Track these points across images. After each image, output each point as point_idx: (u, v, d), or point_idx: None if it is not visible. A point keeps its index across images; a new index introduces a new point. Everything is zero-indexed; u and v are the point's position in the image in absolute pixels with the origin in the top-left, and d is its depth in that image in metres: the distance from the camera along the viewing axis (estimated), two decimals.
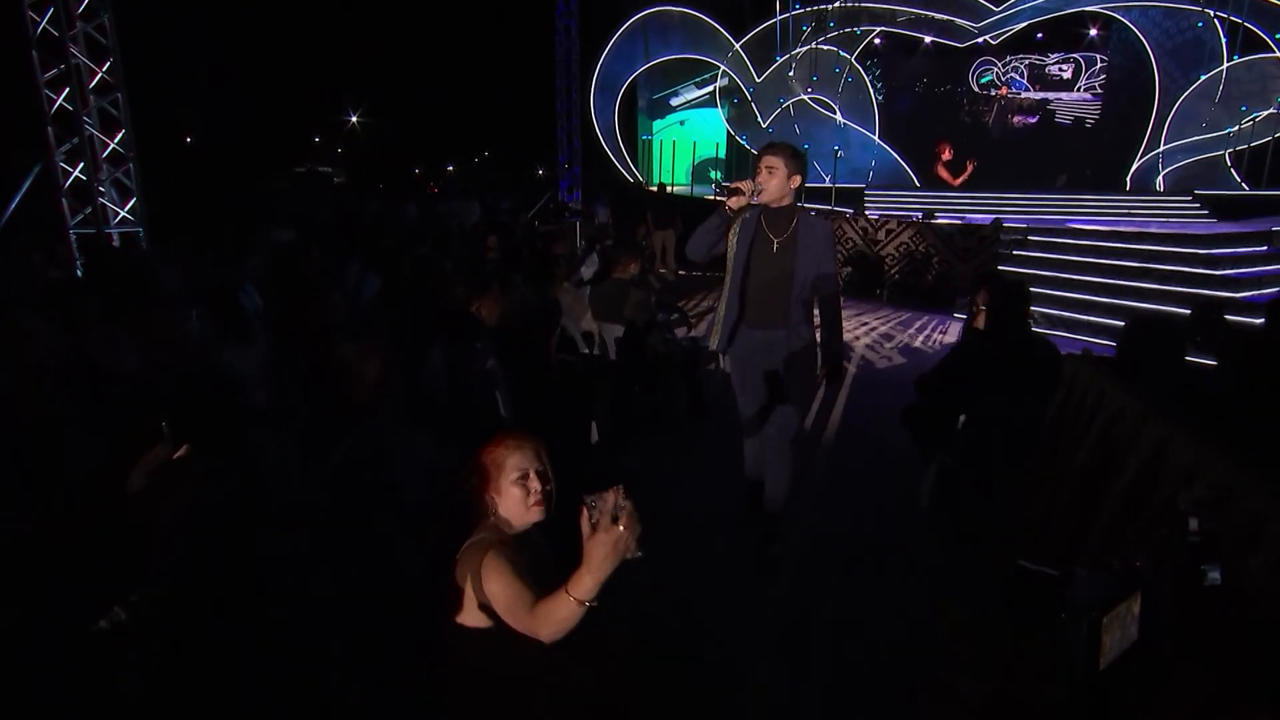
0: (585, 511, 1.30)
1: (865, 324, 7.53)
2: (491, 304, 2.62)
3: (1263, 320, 1.94)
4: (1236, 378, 1.89)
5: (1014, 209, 11.22)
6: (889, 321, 7.70)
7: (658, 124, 16.85)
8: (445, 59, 27.74)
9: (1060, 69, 15.66)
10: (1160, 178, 13.10)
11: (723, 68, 15.03)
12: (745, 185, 2.43)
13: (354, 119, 27.17)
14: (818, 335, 2.69)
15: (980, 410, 2.72)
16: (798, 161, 2.49)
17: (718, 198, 2.43)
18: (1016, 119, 16.13)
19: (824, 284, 2.59)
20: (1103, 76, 15.04)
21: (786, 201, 2.52)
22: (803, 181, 2.53)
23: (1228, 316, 2.76)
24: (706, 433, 4.02)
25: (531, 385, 2.88)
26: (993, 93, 16.10)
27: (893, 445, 3.71)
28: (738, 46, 14.78)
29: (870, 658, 2.22)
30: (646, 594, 2.51)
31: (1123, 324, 2.48)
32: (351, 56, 27.47)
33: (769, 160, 2.48)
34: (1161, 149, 13.00)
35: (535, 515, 1.57)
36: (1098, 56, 15.09)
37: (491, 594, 1.47)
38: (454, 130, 31.21)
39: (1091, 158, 14.80)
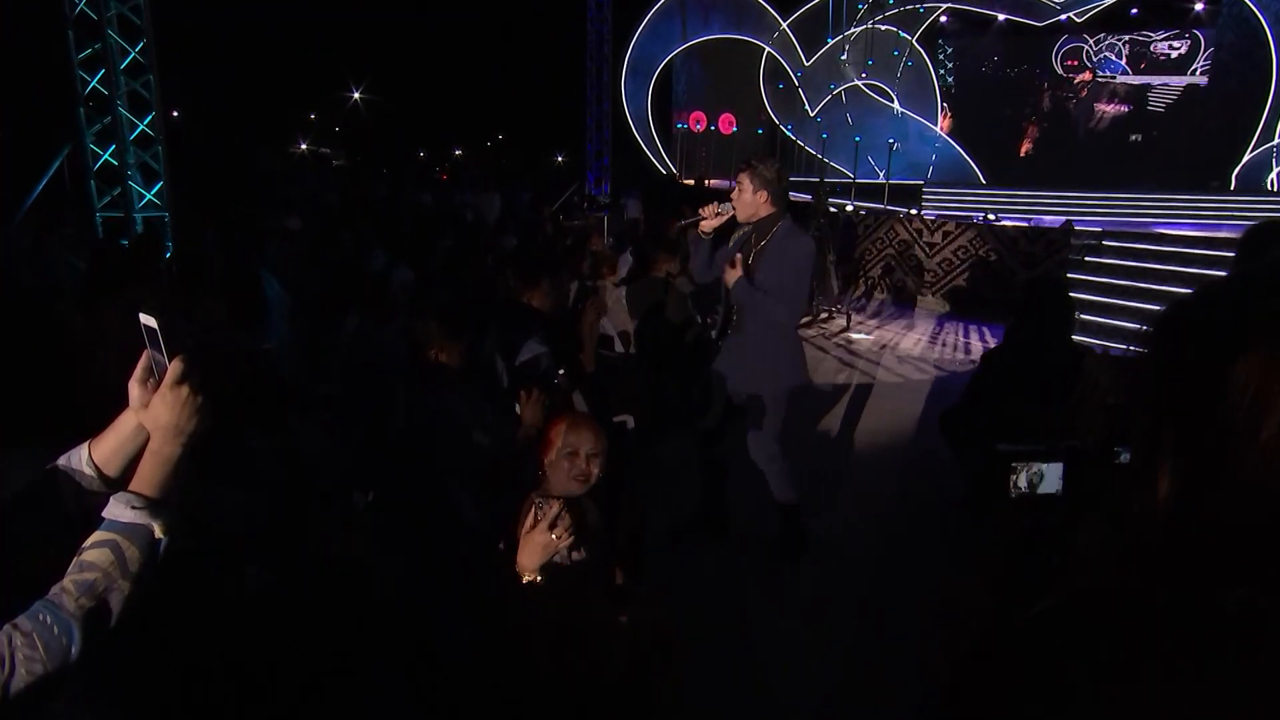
0: (533, 509, 1.87)
1: (918, 332, 8.02)
2: (542, 296, 3.23)
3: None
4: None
5: (1090, 210, 11.53)
6: (944, 331, 8.17)
7: None
8: (458, 33, 28.76)
9: (1171, 47, 14.77)
10: (1274, 175, 13.14)
11: (768, 50, 15.66)
12: (708, 209, 3.03)
13: (356, 95, 28.32)
14: (785, 354, 3.08)
15: (1005, 413, 3.24)
16: (764, 178, 2.98)
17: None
18: (1103, 107, 15.58)
19: (773, 289, 2.93)
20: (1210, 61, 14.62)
21: (763, 214, 3.01)
22: (771, 196, 2.98)
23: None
24: (738, 431, 4.57)
25: (573, 376, 3.48)
26: (1077, 78, 15.73)
27: (930, 452, 4.24)
28: (785, 26, 15.41)
29: (884, 626, 2.77)
30: (678, 568, 3.12)
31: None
32: (354, 26, 28.62)
33: (738, 178, 3.03)
34: (1277, 142, 13.08)
35: (574, 489, 2.11)
36: (1200, 34, 14.60)
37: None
38: (463, 111, 32.28)
39: (1192, 151, 14.45)
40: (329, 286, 4.47)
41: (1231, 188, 13.40)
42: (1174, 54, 14.95)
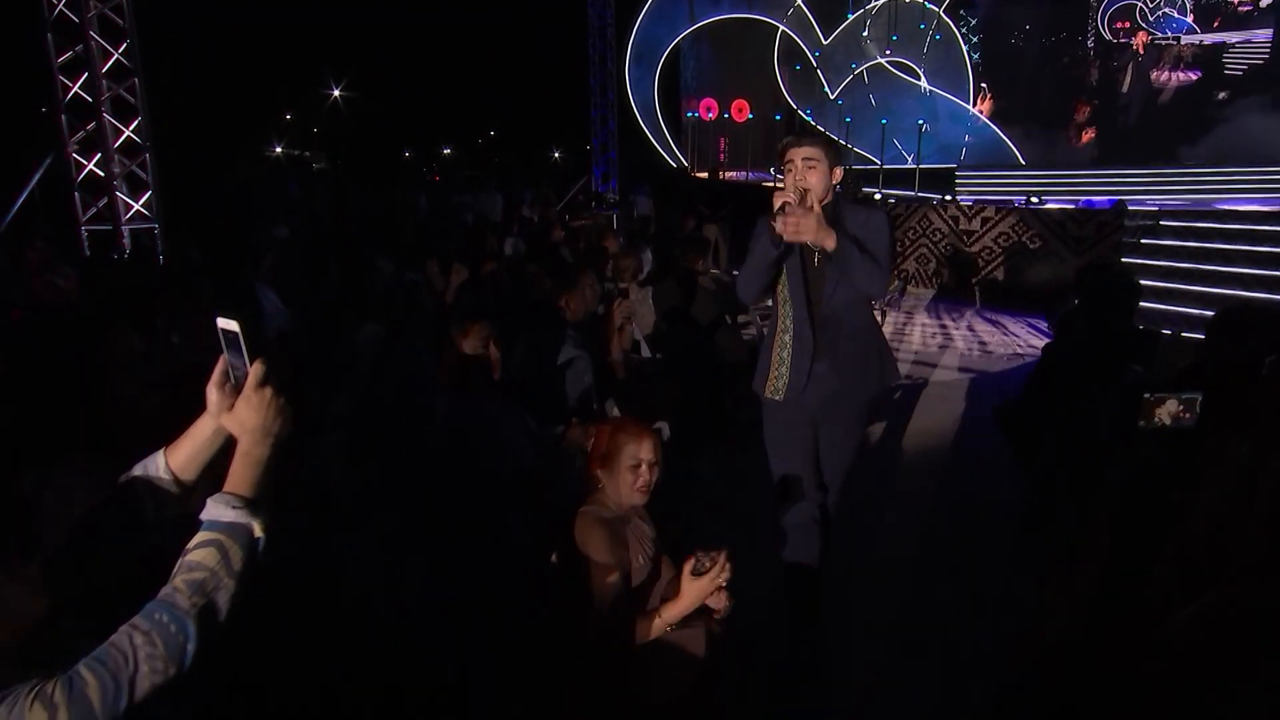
0: (693, 559, 2.02)
1: (958, 326, 8.12)
2: (578, 300, 3.36)
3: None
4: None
5: (1144, 189, 11.57)
6: (986, 323, 8.26)
7: None
8: (444, 22, 29.06)
9: None
10: None
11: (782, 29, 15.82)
12: (792, 197, 2.38)
13: (335, 93, 28.64)
14: (876, 375, 2.73)
15: (1071, 411, 3.33)
16: (837, 151, 2.59)
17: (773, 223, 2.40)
18: (1163, 76, 14.50)
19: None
20: None
21: (828, 200, 2.54)
22: (844, 173, 2.62)
23: None
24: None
25: (604, 383, 3.61)
26: (1130, 42, 14.69)
27: (984, 453, 4.33)
28: (799, 2, 15.57)
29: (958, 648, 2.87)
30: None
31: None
32: (331, 18, 28.93)
33: (808, 152, 2.47)
34: None
35: (638, 499, 2.23)
36: None
37: (590, 568, 2.13)
38: (452, 107, 32.56)
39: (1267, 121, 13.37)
40: (337, 299, 4.61)
41: None
42: (1262, 1, 13.26)
